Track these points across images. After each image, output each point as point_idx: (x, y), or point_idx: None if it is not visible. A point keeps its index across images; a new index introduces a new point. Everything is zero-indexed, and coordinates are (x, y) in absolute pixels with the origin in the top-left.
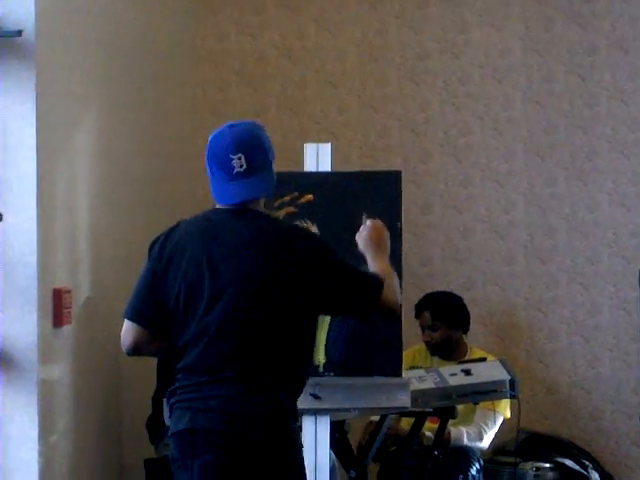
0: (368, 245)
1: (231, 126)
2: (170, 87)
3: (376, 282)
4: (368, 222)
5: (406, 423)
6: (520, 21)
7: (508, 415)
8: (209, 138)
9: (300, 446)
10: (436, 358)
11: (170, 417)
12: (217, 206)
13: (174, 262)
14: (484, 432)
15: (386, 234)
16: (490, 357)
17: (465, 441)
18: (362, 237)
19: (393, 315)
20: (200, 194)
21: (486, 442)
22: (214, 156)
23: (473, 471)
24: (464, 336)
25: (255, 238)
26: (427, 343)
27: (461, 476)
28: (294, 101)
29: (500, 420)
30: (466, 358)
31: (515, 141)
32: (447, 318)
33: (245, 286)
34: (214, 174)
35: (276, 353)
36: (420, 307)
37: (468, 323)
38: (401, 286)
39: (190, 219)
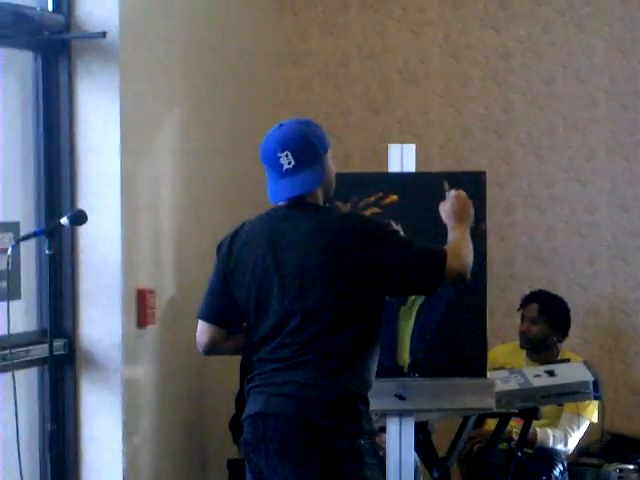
0: (450, 215)
1: (280, 125)
2: (253, 87)
3: (438, 254)
4: (452, 192)
5: (491, 424)
6: (603, 22)
7: (595, 420)
8: None
9: (368, 432)
10: (526, 356)
11: (247, 401)
12: (279, 204)
13: (242, 261)
14: (569, 435)
15: (469, 205)
16: (575, 358)
17: (550, 443)
18: (444, 208)
19: (462, 280)
20: None
21: (571, 446)
22: (264, 156)
23: (556, 472)
24: (559, 342)
25: (315, 230)
26: (523, 334)
27: (544, 477)
28: (377, 101)
29: (586, 424)
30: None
31: (598, 141)
32: (553, 316)
33: (311, 277)
34: (268, 174)
35: (345, 338)
36: (529, 298)
37: (568, 330)
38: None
39: (254, 219)
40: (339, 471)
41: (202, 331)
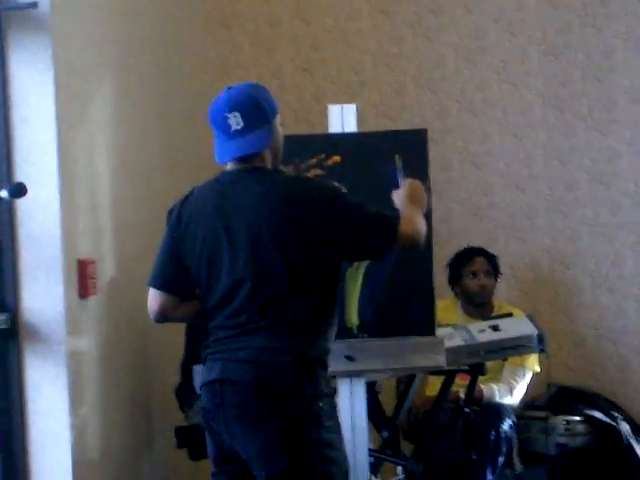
0: (403, 201)
1: (229, 88)
2: (183, 52)
3: (390, 218)
4: (407, 181)
5: (432, 389)
6: None
7: (537, 369)
8: None
9: (327, 394)
10: (463, 311)
11: (203, 368)
12: (226, 168)
13: (191, 228)
14: (514, 388)
15: (423, 194)
16: (517, 312)
17: (497, 398)
18: (398, 194)
19: (415, 244)
20: None
21: (517, 398)
22: (212, 117)
23: (505, 427)
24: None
25: (264, 194)
26: (483, 288)
27: (493, 432)
28: (309, 62)
29: (529, 375)
30: (494, 314)
31: (532, 94)
32: (496, 269)
33: (262, 242)
34: (216, 136)
35: (301, 303)
36: (472, 252)
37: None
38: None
39: (202, 184)
40: (298, 434)
41: (153, 298)
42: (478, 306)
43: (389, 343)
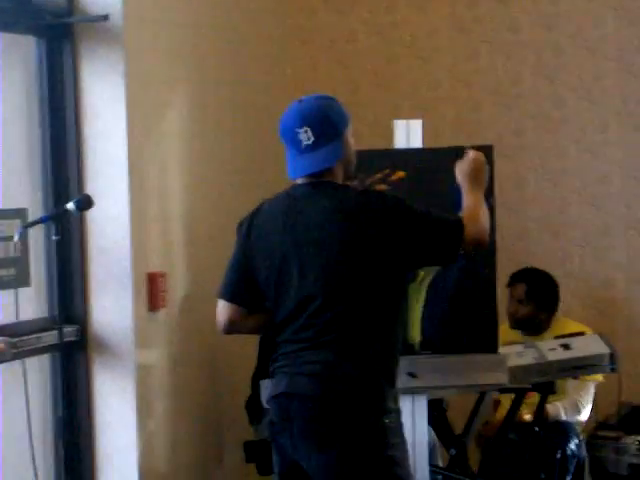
0: (465, 178)
1: (299, 101)
2: (260, 66)
3: (456, 222)
4: (470, 154)
5: (502, 412)
6: None
7: (601, 378)
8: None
9: (392, 410)
10: (516, 332)
11: (271, 381)
12: (297, 182)
13: (261, 241)
14: (580, 405)
15: (485, 168)
16: (584, 329)
17: (563, 416)
18: (460, 169)
19: (481, 246)
20: None
21: (585, 414)
22: (283, 132)
23: (572, 446)
24: (549, 317)
25: (334, 208)
26: (511, 315)
27: (560, 451)
28: (384, 77)
29: (593, 388)
30: (546, 334)
31: (609, 112)
32: (540, 297)
33: (331, 257)
34: (287, 150)
35: (368, 317)
36: (516, 278)
37: (556, 306)
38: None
39: (273, 198)
40: (363, 451)
41: (221, 310)
42: (529, 329)
43: (451, 360)
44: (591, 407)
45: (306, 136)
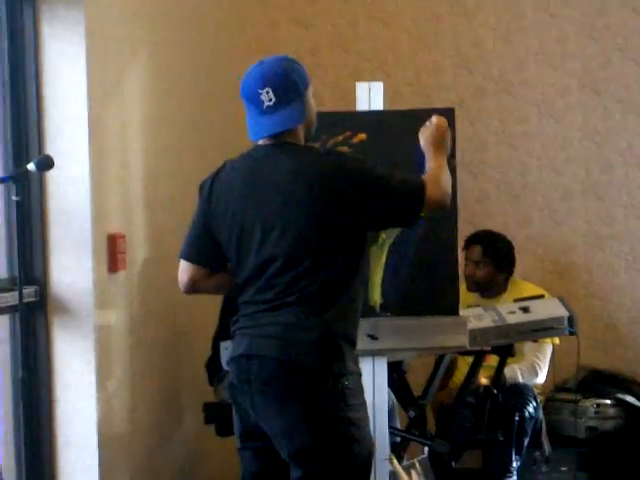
0: (428, 143)
1: (260, 63)
2: (219, 27)
3: (418, 184)
4: (433, 119)
5: (459, 376)
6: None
7: (557, 341)
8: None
9: (352, 372)
10: (474, 294)
11: (232, 343)
12: (258, 143)
13: (223, 202)
14: (538, 367)
15: (448, 133)
16: (542, 292)
17: (520, 379)
18: (424, 134)
19: (442, 208)
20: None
21: (542, 376)
22: (244, 93)
23: (530, 408)
24: (507, 278)
25: (296, 169)
26: (468, 277)
27: (517, 414)
28: (346, 40)
29: (550, 350)
30: (503, 296)
31: (570, 76)
32: (497, 257)
33: (292, 218)
34: (248, 111)
35: (328, 279)
36: (471, 240)
37: (513, 267)
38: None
39: (234, 159)
40: (322, 412)
41: (183, 270)
42: (487, 291)
43: (412, 322)
44: (549, 370)
45: (267, 97)
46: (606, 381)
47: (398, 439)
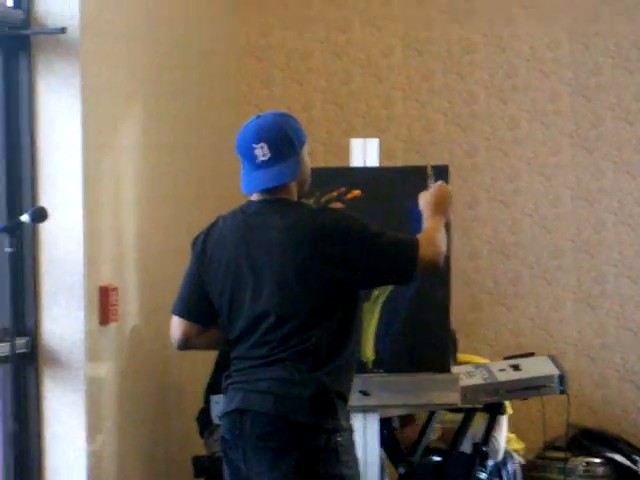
0: (428, 205)
1: (258, 117)
2: (214, 82)
3: (411, 243)
4: (437, 184)
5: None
6: (567, 15)
7: (510, 411)
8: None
9: (345, 429)
10: None
11: (224, 398)
12: (251, 198)
13: (215, 258)
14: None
15: (449, 199)
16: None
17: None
18: (425, 197)
19: (434, 267)
20: None
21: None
22: (240, 146)
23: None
24: None
25: (288, 226)
26: None
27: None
28: (339, 96)
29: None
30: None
31: (562, 134)
32: None
33: (286, 274)
34: (242, 165)
35: (322, 335)
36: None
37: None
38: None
39: (227, 214)
40: (316, 468)
41: (176, 326)
42: None
43: (404, 379)
44: (538, 428)
45: (262, 152)
46: (595, 440)
47: None
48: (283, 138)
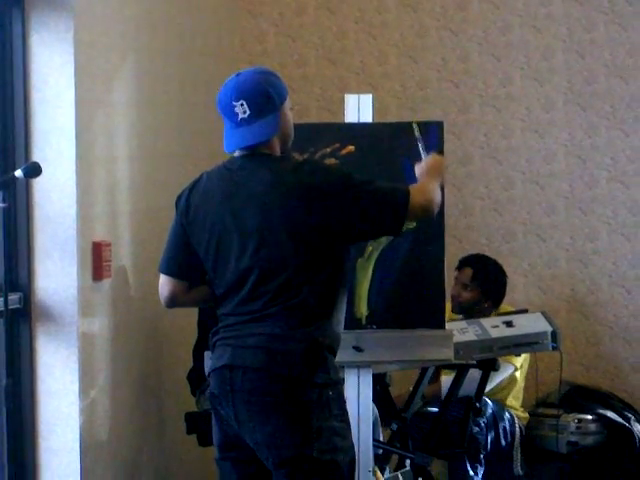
0: (422, 171)
1: (237, 75)
2: (208, 36)
3: (400, 191)
4: (430, 155)
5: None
6: None
7: (518, 366)
8: None
9: (335, 383)
10: (456, 317)
11: (212, 354)
12: (234, 154)
13: (200, 214)
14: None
15: (442, 167)
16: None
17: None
18: (419, 165)
19: (428, 214)
20: None
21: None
22: (220, 105)
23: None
24: (492, 309)
25: (273, 181)
26: (453, 298)
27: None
28: (333, 52)
29: (509, 370)
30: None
31: (556, 91)
32: (486, 283)
33: (272, 229)
34: (224, 123)
35: (312, 290)
36: (465, 262)
37: (501, 299)
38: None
39: (211, 170)
40: (308, 422)
41: (163, 284)
42: (470, 316)
43: (397, 335)
44: (531, 385)
45: (242, 109)
46: (588, 396)
47: (380, 451)
48: (263, 95)
